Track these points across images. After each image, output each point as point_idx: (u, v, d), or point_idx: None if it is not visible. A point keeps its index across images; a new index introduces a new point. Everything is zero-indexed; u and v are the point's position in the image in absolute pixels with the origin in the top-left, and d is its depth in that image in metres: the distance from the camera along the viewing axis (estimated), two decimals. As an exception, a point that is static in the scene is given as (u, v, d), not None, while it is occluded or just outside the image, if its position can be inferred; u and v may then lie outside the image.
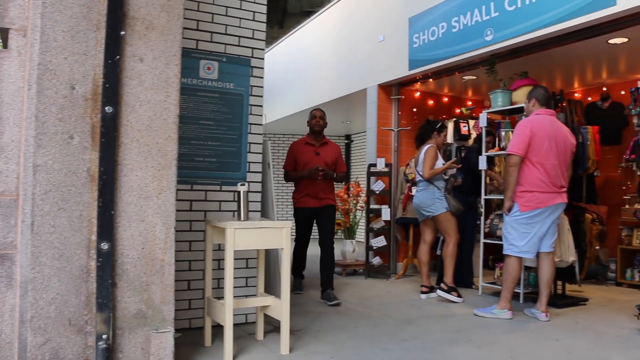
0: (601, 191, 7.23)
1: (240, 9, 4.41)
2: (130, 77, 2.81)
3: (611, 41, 5.56)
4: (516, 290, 5.47)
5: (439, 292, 5.58)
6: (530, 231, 4.71)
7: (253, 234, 3.44)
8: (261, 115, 4.46)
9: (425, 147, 5.71)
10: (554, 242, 4.87)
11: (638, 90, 4.46)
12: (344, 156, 13.73)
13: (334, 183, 5.84)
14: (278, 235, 3.51)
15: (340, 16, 9.17)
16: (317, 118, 5.80)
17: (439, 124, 5.85)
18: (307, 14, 11.35)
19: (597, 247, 6.79)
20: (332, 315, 4.81)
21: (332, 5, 9.52)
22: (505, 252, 4.91)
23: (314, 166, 5.50)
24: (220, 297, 3.63)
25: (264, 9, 4.53)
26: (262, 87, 4.46)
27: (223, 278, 3.52)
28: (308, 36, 10.36)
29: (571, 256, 5.31)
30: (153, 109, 2.87)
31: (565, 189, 4.80)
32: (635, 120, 4.58)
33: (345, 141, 13.75)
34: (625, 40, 5.51)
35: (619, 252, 6.73)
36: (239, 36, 4.39)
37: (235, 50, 4.36)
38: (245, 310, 4.30)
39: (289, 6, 20.02)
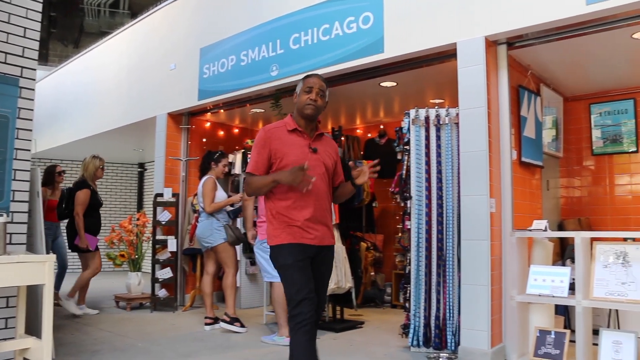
0: (379, 220, 7.85)
1: (8, 22, 4.04)
2: None
3: (383, 84, 6.10)
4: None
5: (221, 324, 5.57)
6: None
7: (8, 269, 3.13)
8: (30, 140, 4.11)
9: (203, 180, 5.75)
10: None
11: (402, 130, 4.93)
12: (136, 186, 13.23)
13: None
14: (40, 270, 3.23)
15: (134, 40, 8.87)
16: (314, 91, 3.09)
17: (217, 154, 5.91)
18: (105, 34, 10.81)
19: (373, 273, 7.33)
20: (108, 353, 4.55)
21: (127, 28, 9.18)
22: (264, 280, 5.37)
23: (301, 165, 2.85)
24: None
25: (37, 25, 4.20)
26: (32, 109, 4.10)
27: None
28: (102, 57, 9.82)
29: (348, 282, 5.67)
30: None
31: None
32: (399, 157, 5.04)
33: (139, 169, 13.29)
34: (394, 84, 6.10)
35: (393, 277, 7.30)
36: (6, 53, 4.01)
37: (0, 67, 3.99)
38: (3, 355, 3.88)
39: (86, 25, 19.00)
